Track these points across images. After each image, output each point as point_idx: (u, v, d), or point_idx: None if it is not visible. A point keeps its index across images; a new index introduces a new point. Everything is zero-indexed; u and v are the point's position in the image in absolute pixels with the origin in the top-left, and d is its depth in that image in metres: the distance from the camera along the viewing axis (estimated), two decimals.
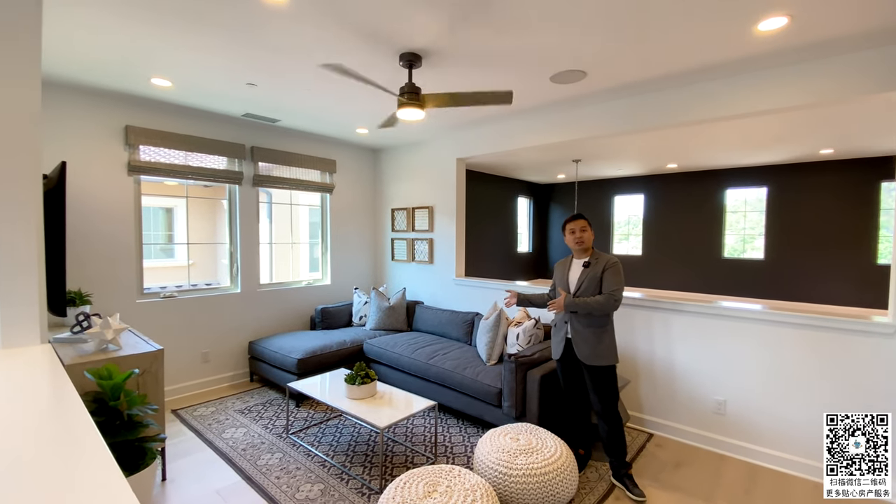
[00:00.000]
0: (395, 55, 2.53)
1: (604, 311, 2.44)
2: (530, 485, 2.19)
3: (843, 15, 2.03)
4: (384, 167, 5.26)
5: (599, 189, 9.28)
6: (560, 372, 2.67)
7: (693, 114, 2.99)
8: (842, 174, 6.82)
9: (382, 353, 3.83)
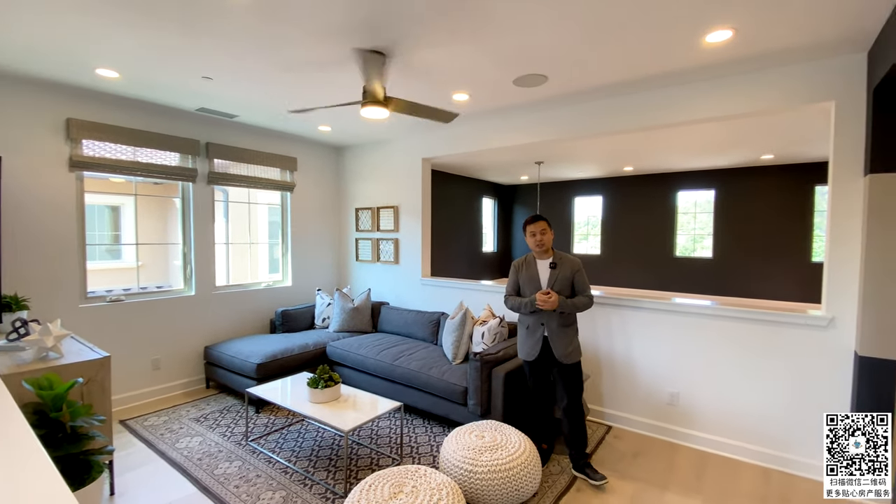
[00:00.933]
0: (353, 52, 2.50)
1: (585, 310, 2.59)
2: (495, 481, 2.22)
3: (781, 30, 2.19)
4: (348, 166, 5.18)
5: (560, 190, 9.54)
6: (530, 371, 2.71)
7: (648, 119, 3.13)
8: (781, 178, 7.34)
9: (347, 356, 3.77)
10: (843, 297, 2.53)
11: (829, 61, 2.52)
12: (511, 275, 2.79)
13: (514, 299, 2.70)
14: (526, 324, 2.67)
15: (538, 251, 2.65)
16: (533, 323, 2.62)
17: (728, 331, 2.87)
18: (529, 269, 2.68)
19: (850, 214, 2.50)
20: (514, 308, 2.70)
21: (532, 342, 2.62)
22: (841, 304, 2.53)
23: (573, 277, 2.57)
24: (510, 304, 2.71)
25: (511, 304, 2.70)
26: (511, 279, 2.77)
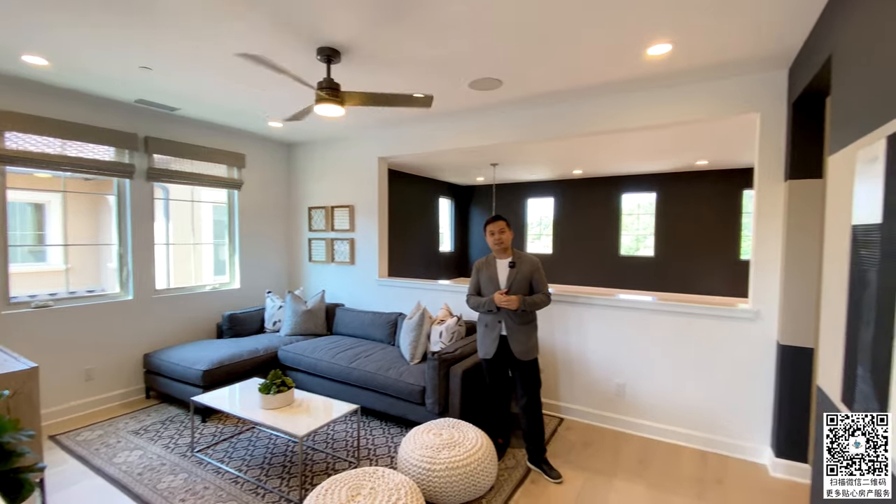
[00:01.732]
0: (313, 49, 2.44)
1: (543, 307, 2.65)
2: (453, 477, 2.25)
3: (714, 46, 2.37)
4: (300, 163, 5.03)
5: (515, 192, 9.77)
6: (488, 369, 2.76)
7: (597, 125, 3.29)
8: (714, 182, 7.92)
9: (300, 360, 3.67)
10: (766, 292, 2.77)
11: (756, 76, 2.76)
12: (473, 275, 2.83)
13: (474, 299, 2.74)
14: (484, 322, 2.72)
15: (497, 250, 2.71)
16: (491, 321, 2.67)
17: (668, 324, 3.07)
18: (489, 268, 2.73)
19: (772, 217, 2.75)
20: (475, 307, 2.74)
21: (490, 340, 2.67)
22: (765, 298, 2.78)
23: (531, 276, 2.65)
24: (471, 303, 2.75)
25: (472, 303, 2.75)
26: (472, 279, 2.82)
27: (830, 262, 1.75)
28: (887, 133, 1.23)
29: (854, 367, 1.40)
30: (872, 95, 1.39)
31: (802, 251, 2.54)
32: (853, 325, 1.43)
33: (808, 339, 2.53)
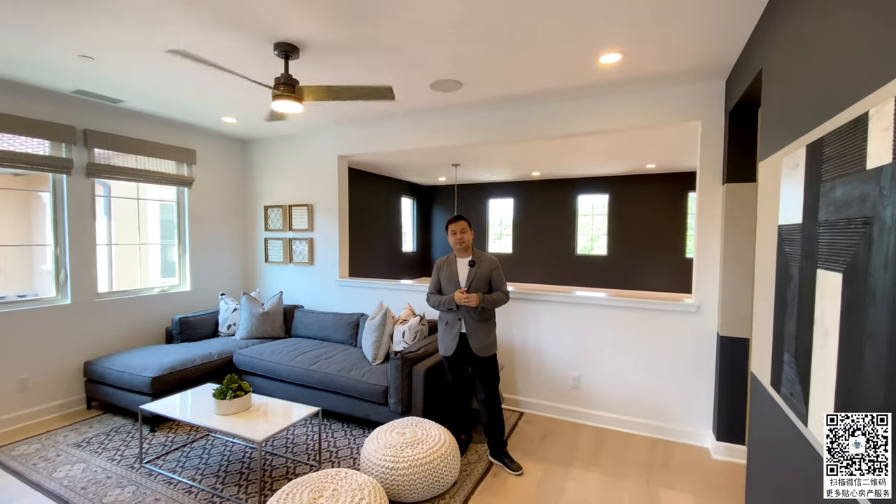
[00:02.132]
0: (269, 44, 2.39)
1: (501, 305, 2.72)
2: (416, 474, 2.27)
3: (659, 57, 2.52)
4: (256, 161, 4.86)
5: (476, 192, 9.90)
6: (449, 366, 2.80)
7: (554, 129, 3.40)
8: (662, 185, 8.38)
9: (257, 363, 3.56)
10: (707, 287, 2.98)
11: (697, 86, 2.96)
12: (433, 274, 2.86)
13: (435, 297, 2.77)
14: (445, 320, 2.75)
15: (458, 249, 2.76)
16: (451, 319, 2.71)
17: (619, 319, 3.23)
18: (450, 267, 2.78)
19: (712, 217, 2.96)
20: (435, 305, 2.77)
21: (450, 337, 2.71)
22: (706, 293, 2.99)
23: (490, 275, 2.71)
24: (432, 301, 2.78)
25: (433, 301, 2.78)
26: (433, 278, 2.85)
27: (761, 259, 1.91)
28: (807, 142, 1.37)
29: (781, 355, 1.55)
30: (795, 108, 1.54)
31: (739, 249, 2.76)
32: (780, 316, 1.58)
33: (744, 330, 2.75)
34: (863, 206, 0.99)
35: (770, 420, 1.71)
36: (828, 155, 1.19)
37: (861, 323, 0.99)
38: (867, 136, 0.98)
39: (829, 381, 1.14)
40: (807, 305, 1.31)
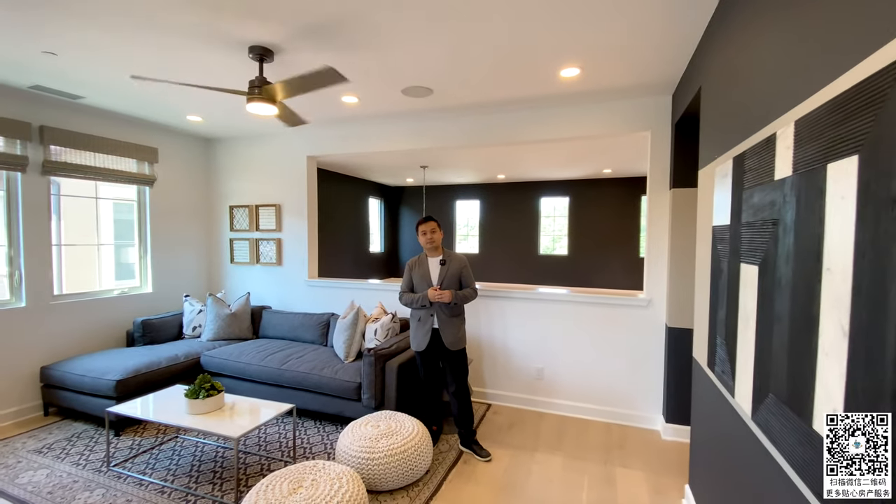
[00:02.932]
0: (244, 47, 2.43)
1: (471, 301, 2.89)
2: (391, 463, 2.38)
3: (614, 72, 2.76)
4: (221, 160, 4.79)
5: (444, 193, 10.06)
6: (421, 361, 2.92)
7: (518, 135, 3.60)
8: (618, 188, 8.85)
9: (226, 364, 3.54)
10: (657, 283, 3.26)
11: (648, 99, 3.23)
12: (405, 273, 2.98)
13: (408, 295, 2.89)
14: (417, 317, 2.87)
15: (429, 249, 2.89)
16: (424, 315, 2.84)
17: (579, 314, 3.46)
18: (422, 266, 2.90)
19: (660, 219, 3.24)
20: (408, 303, 2.88)
21: (422, 333, 2.84)
22: (655, 288, 3.27)
23: (460, 272, 2.86)
24: (405, 300, 2.89)
25: (406, 300, 2.89)
26: (405, 277, 2.97)
27: (700, 256, 2.16)
28: (733, 155, 1.60)
29: (714, 339, 1.78)
30: (726, 124, 1.77)
31: (684, 248, 3.04)
32: (714, 305, 1.81)
33: (689, 321, 3.03)
34: (772, 209, 1.21)
35: (707, 396, 1.95)
36: (748, 167, 1.41)
37: (771, 307, 1.20)
38: (775, 153, 1.20)
39: (749, 359, 1.36)
40: (733, 295, 1.53)
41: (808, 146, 0.99)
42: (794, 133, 1.07)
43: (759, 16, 1.43)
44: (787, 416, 1.06)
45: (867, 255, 0.76)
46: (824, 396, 0.89)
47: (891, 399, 0.69)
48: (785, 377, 1.08)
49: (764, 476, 1.28)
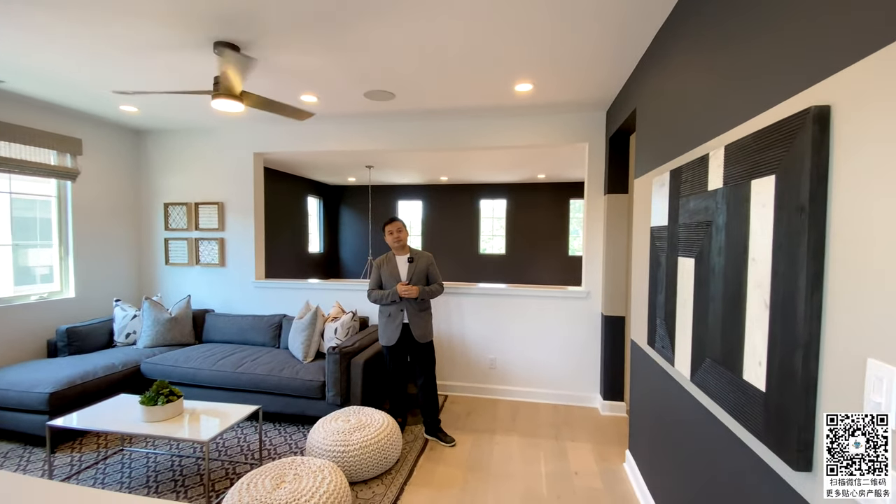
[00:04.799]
0: (209, 41, 2.38)
1: (438, 295, 3.07)
2: (366, 454, 2.47)
3: (561, 90, 3.08)
4: (155, 153, 4.48)
5: (387, 193, 10.09)
6: (390, 355, 3.03)
7: (475, 141, 3.84)
8: (550, 193, 9.51)
9: (172, 371, 3.36)
10: (593, 277, 3.67)
11: (586, 114, 3.63)
12: (374, 271, 3.08)
13: (377, 292, 2.99)
14: (387, 313, 2.98)
15: (396, 247, 3.01)
16: (394, 311, 2.96)
17: (526, 307, 3.78)
18: (390, 264, 3.02)
19: (596, 221, 3.65)
20: (377, 300, 2.99)
21: (393, 328, 2.95)
22: (593, 281, 3.67)
23: (428, 269, 3.03)
24: (374, 296, 2.99)
25: (375, 296, 2.99)
26: (374, 275, 3.06)
27: (637, 251, 2.53)
28: (670, 168, 1.94)
29: (654, 320, 2.13)
30: (662, 141, 2.12)
31: (616, 246, 3.46)
32: (652, 292, 2.16)
33: (621, 309, 3.47)
34: (706, 213, 1.53)
35: (646, 370, 2.31)
36: (684, 179, 1.74)
37: (706, 290, 1.52)
38: (708, 169, 1.52)
39: (687, 333, 1.68)
40: (672, 282, 1.87)
41: (736, 165, 1.30)
42: (725, 155, 1.39)
43: (693, 53, 1.77)
44: (722, 373, 1.37)
45: (782, 247, 1.06)
46: (751, 353, 1.19)
47: (802, 348, 0.98)
48: (719, 344, 1.39)
49: (701, 424, 1.60)
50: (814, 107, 0.96)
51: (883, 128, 0.82)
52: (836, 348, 0.93)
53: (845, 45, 0.91)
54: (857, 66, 0.88)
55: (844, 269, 0.91)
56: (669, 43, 2.05)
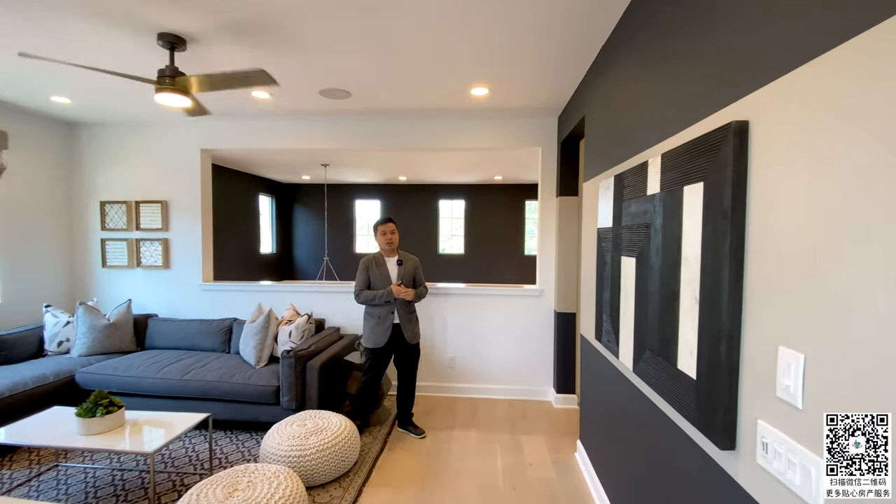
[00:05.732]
0: (153, 33, 2.27)
1: (424, 297, 3.18)
2: (323, 458, 2.45)
3: (516, 95, 3.18)
4: (89, 148, 4.17)
5: (344, 193, 9.91)
6: (375, 357, 3.03)
7: (431, 142, 3.87)
8: (506, 194, 9.73)
9: (111, 380, 3.16)
10: (546, 275, 3.81)
11: (540, 120, 3.76)
12: (362, 272, 3.07)
13: (367, 293, 3.00)
14: (377, 314, 3.00)
15: (388, 250, 3.07)
16: (384, 313, 2.98)
17: (483, 305, 3.87)
18: (380, 266, 3.05)
19: (549, 222, 3.80)
20: (366, 301, 3.00)
21: (383, 329, 2.98)
22: (546, 280, 3.81)
23: (415, 272, 3.11)
24: (363, 297, 3.00)
25: (364, 297, 3.00)
26: (362, 276, 3.06)
27: (586, 251, 2.66)
28: (615, 173, 2.06)
29: (601, 315, 2.25)
30: (608, 148, 2.25)
31: (568, 246, 3.62)
32: (599, 290, 2.28)
33: (573, 306, 3.62)
34: (645, 216, 1.64)
35: (595, 363, 2.44)
36: (627, 183, 1.86)
37: (645, 288, 1.63)
38: (647, 175, 1.63)
39: (630, 327, 1.80)
40: (616, 280, 1.99)
41: (671, 172, 1.42)
42: (661, 162, 1.50)
43: (636, 66, 1.89)
44: (659, 363, 1.48)
45: (710, 247, 1.17)
46: (685, 344, 1.30)
47: (726, 339, 1.09)
48: (657, 336, 1.51)
49: (643, 412, 1.72)
50: (734, 121, 1.07)
51: (788, 141, 0.93)
52: (753, 338, 1.04)
53: (764, 64, 1.02)
54: (771, 86, 0.99)
55: (760, 267, 1.02)
56: (615, 55, 2.17)
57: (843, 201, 0.79)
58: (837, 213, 0.80)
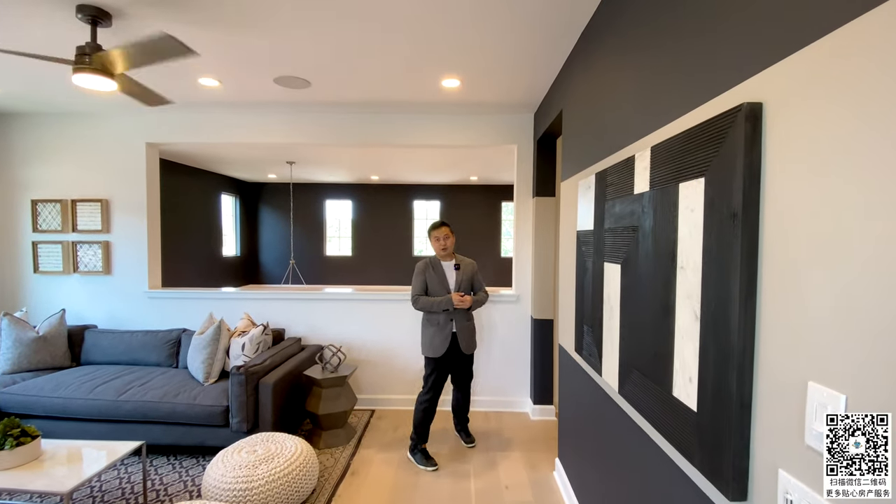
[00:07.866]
0: (72, 5, 1.95)
1: (484, 304, 3.01)
2: (276, 489, 2.17)
3: (489, 89, 2.97)
4: (17, 141, 3.74)
5: (313, 192, 9.52)
6: (436, 367, 2.80)
7: (400, 138, 3.63)
8: (482, 195, 9.56)
9: (36, 402, 2.79)
10: (523, 280, 3.63)
11: (515, 116, 3.57)
12: (418, 277, 2.85)
13: (424, 299, 2.79)
14: (436, 321, 2.78)
15: (443, 255, 2.85)
16: (443, 320, 2.77)
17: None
18: (437, 271, 2.84)
19: (525, 224, 3.61)
20: (424, 308, 2.79)
21: (441, 338, 2.76)
22: (522, 285, 3.63)
23: (473, 277, 2.90)
24: (421, 303, 2.79)
25: (422, 304, 2.79)
26: (419, 281, 2.84)
27: (564, 256, 2.48)
28: (596, 171, 1.87)
29: (582, 328, 2.06)
30: (588, 144, 2.07)
31: (545, 249, 3.44)
32: (579, 298, 2.09)
33: (550, 313, 3.45)
34: (632, 218, 1.45)
35: (575, 377, 2.25)
36: (610, 182, 1.68)
37: (633, 299, 1.44)
38: (634, 171, 1.45)
39: (615, 343, 1.61)
40: (598, 289, 1.80)
41: (663, 168, 1.23)
42: (651, 157, 1.31)
43: (619, 52, 1.71)
44: (651, 387, 1.29)
45: (714, 255, 0.98)
46: (682, 368, 1.11)
47: (737, 367, 0.90)
48: (648, 356, 1.32)
49: (632, 440, 1.53)
50: (745, 103, 0.88)
51: (817, 125, 0.74)
52: (772, 367, 0.85)
53: (779, 37, 0.83)
54: (790, 59, 0.80)
55: (779, 280, 0.83)
56: (595, 43, 1.99)
57: None
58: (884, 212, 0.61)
